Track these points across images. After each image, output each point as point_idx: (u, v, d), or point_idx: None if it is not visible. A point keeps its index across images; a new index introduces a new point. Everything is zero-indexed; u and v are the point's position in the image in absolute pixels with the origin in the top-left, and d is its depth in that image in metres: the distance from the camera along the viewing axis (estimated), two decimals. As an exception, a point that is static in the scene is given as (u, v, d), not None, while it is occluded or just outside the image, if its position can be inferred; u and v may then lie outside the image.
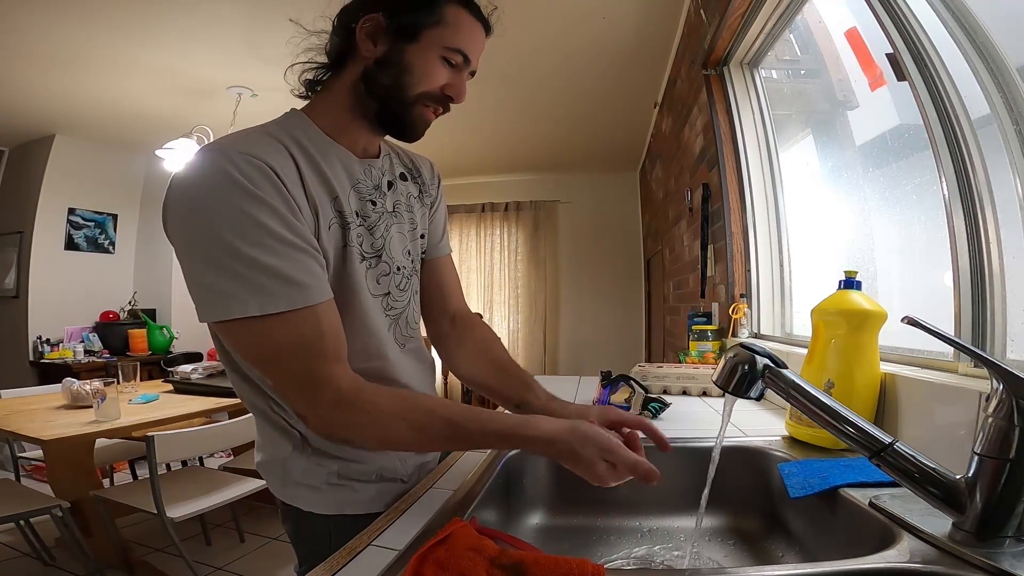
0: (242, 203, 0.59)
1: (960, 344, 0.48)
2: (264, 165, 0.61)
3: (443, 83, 0.71)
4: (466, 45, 0.71)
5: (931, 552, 0.49)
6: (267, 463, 0.77)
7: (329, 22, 0.76)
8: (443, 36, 0.69)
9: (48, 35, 2.64)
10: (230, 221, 0.58)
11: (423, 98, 0.71)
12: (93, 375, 3.60)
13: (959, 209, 0.81)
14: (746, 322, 1.72)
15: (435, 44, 0.69)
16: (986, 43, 0.80)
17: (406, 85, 0.70)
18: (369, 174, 0.76)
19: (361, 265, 0.73)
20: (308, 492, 0.74)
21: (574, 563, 0.45)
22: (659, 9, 2.48)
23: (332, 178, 0.70)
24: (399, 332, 0.80)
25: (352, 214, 0.71)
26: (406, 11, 0.68)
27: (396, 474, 0.79)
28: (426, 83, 0.70)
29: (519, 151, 4.65)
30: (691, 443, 0.89)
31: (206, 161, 0.61)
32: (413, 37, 0.69)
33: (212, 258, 0.58)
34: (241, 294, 0.58)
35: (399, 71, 0.69)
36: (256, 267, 0.58)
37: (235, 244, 0.58)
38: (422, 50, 0.69)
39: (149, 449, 1.82)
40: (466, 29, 0.71)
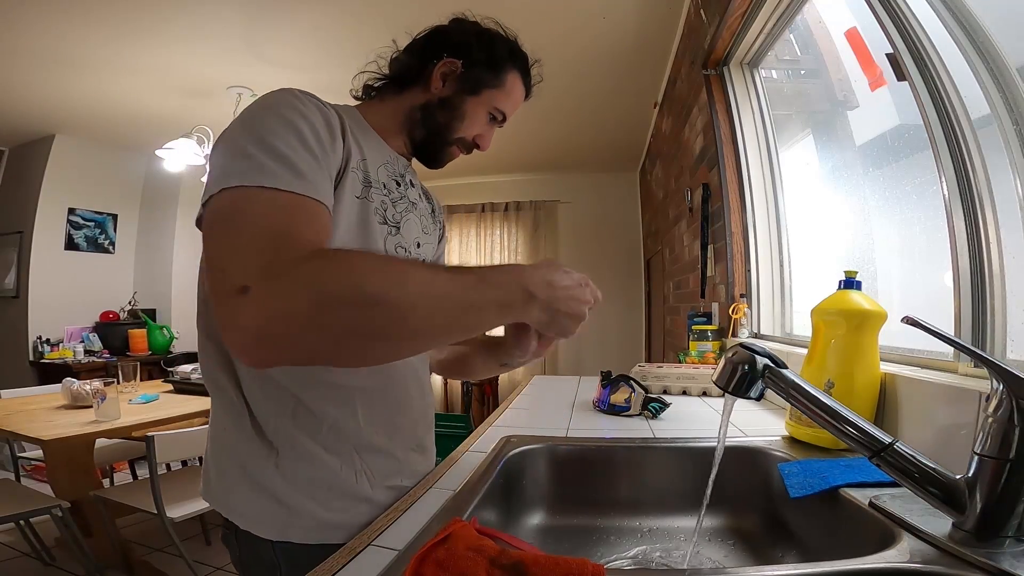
0: (285, 111, 0.60)
1: (960, 344, 0.48)
2: (317, 99, 0.66)
3: (478, 132, 0.82)
4: (508, 109, 0.83)
5: (931, 552, 0.49)
6: (213, 452, 0.72)
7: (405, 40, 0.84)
8: (497, 98, 0.81)
9: (48, 35, 2.64)
10: (267, 122, 0.59)
11: (459, 140, 0.82)
12: (93, 375, 3.59)
13: (959, 209, 0.81)
14: (746, 322, 1.72)
15: (488, 102, 0.80)
16: (986, 43, 0.80)
17: (454, 128, 0.80)
18: (397, 162, 0.81)
19: (382, 227, 0.73)
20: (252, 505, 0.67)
21: (574, 563, 0.45)
22: (659, 9, 2.48)
23: (365, 146, 0.74)
24: None
25: (379, 181, 0.74)
26: (480, 67, 0.79)
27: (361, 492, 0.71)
28: (469, 131, 0.81)
29: (519, 151, 4.65)
30: (691, 443, 0.89)
31: (270, 93, 0.64)
32: (476, 91, 0.79)
33: (235, 146, 0.57)
34: (243, 169, 0.54)
35: (454, 115, 0.80)
36: (270, 152, 0.55)
37: (260, 134, 0.57)
38: (478, 104, 0.80)
39: (149, 449, 1.83)
40: (515, 95, 0.83)
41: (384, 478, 0.73)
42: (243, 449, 0.68)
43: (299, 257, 0.49)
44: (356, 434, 0.71)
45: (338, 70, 3.11)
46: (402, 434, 0.77)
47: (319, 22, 2.58)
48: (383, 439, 0.74)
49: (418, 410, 0.81)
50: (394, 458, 0.76)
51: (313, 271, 0.48)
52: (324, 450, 0.68)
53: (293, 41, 2.78)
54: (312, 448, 0.68)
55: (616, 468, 0.88)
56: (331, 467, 0.69)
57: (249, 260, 0.48)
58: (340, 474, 0.69)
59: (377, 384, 0.73)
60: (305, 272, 0.48)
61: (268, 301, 0.46)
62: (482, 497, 0.69)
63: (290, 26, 2.64)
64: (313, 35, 2.71)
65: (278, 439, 0.67)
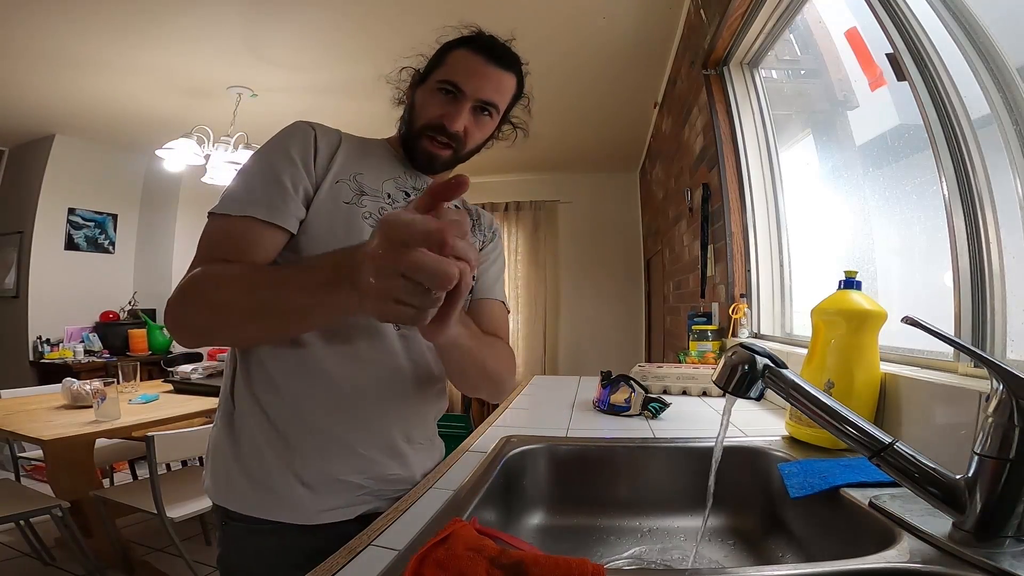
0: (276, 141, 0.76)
1: (960, 344, 0.48)
2: (310, 127, 0.78)
3: (439, 112, 0.79)
4: (458, 76, 0.79)
5: (931, 552, 0.49)
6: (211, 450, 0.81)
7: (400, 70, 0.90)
8: (440, 73, 0.80)
9: (48, 35, 2.64)
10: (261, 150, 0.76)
11: (425, 130, 0.80)
12: (93, 375, 3.59)
13: (959, 209, 0.81)
14: (746, 322, 1.72)
15: (432, 81, 0.81)
16: (986, 43, 0.80)
17: (412, 120, 0.83)
18: (413, 179, 0.86)
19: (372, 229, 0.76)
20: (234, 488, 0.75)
21: (574, 563, 0.45)
22: (659, 9, 2.48)
23: (372, 165, 0.81)
24: None
25: (382, 192, 0.80)
26: (429, 65, 0.83)
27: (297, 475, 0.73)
28: (424, 115, 0.80)
29: (519, 151, 4.62)
30: (691, 443, 0.89)
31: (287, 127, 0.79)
32: (423, 80, 0.83)
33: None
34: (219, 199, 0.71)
35: (409, 109, 0.84)
36: (243, 179, 0.73)
37: (247, 164, 0.75)
38: (424, 89, 0.82)
39: (149, 449, 1.83)
40: (462, 64, 0.79)
41: (342, 471, 0.75)
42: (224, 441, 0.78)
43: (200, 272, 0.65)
44: (313, 415, 0.75)
45: (338, 70, 3.12)
46: (369, 430, 0.77)
47: (319, 22, 2.58)
48: (340, 429, 0.75)
49: (396, 413, 0.80)
50: (356, 453, 0.76)
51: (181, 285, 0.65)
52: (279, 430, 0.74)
53: (293, 41, 2.78)
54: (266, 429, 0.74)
55: (616, 468, 0.88)
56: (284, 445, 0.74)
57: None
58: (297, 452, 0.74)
59: (347, 372, 0.75)
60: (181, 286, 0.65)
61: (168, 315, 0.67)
62: (482, 497, 0.69)
63: (290, 26, 2.64)
64: (313, 35, 2.71)
65: (240, 419, 0.76)
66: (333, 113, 3.59)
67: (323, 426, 0.75)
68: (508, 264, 5.40)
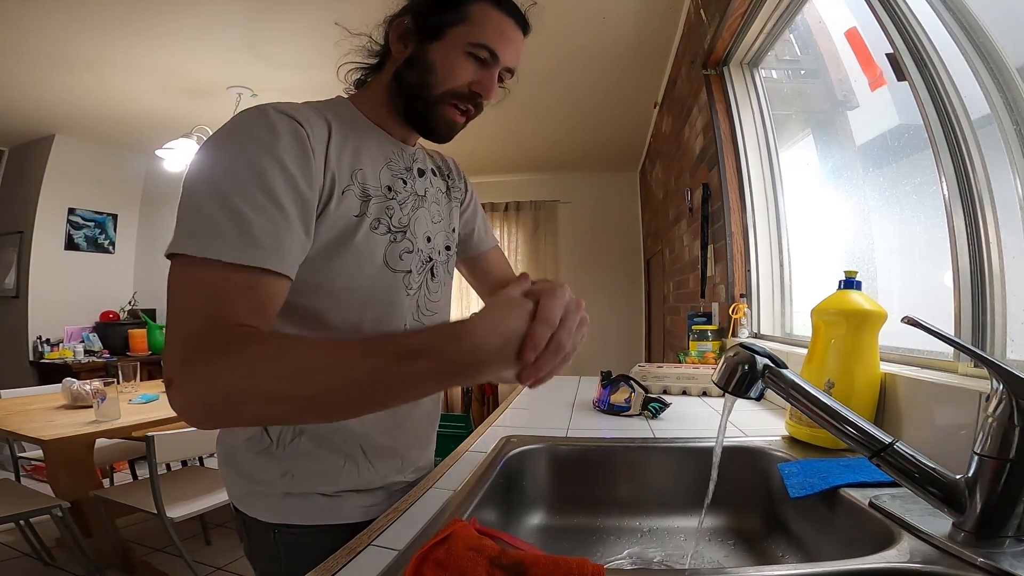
0: (252, 151, 0.57)
1: (960, 344, 0.48)
2: (294, 121, 0.61)
3: (469, 80, 0.71)
4: (492, 40, 0.70)
5: (931, 552, 0.49)
6: (221, 450, 0.76)
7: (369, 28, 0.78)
8: (468, 33, 0.69)
9: (48, 35, 2.64)
10: (231, 165, 0.57)
11: (448, 96, 0.71)
12: (93, 375, 3.59)
13: (959, 209, 0.81)
14: (746, 322, 1.72)
15: (459, 41, 0.69)
16: (986, 43, 0.80)
17: (430, 83, 0.71)
18: (401, 156, 0.77)
19: (383, 238, 0.71)
20: (250, 496, 0.73)
21: (574, 563, 0.45)
22: (659, 9, 2.48)
23: (363, 151, 0.71)
24: (414, 314, 0.77)
25: (382, 187, 0.72)
26: (432, 11, 0.70)
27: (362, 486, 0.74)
28: (450, 80, 0.70)
29: (519, 151, 4.65)
30: (691, 443, 0.89)
31: (242, 114, 0.61)
32: (437, 36, 0.70)
33: (193, 195, 0.55)
34: (195, 231, 0.53)
35: (423, 69, 0.71)
36: (226, 210, 0.53)
37: (221, 186, 0.55)
38: (445, 47, 0.70)
39: (149, 449, 1.82)
40: (493, 25, 0.70)
41: (387, 474, 0.78)
42: (246, 447, 0.72)
43: (211, 354, 0.48)
44: (362, 436, 0.75)
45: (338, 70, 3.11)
46: (407, 433, 0.81)
47: (319, 22, 2.58)
48: (388, 439, 0.78)
49: (424, 409, 0.84)
50: (398, 455, 0.80)
51: (217, 373, 0.48)
52: (328, 449, 0.72)
53: (293, 41, 2.78)
54: (313, 447, 0.72)
55: (616, 468, 0.88)
56: (332, 462, 0.72)
57: (174, 353, 0.50)
58: (343, 469, 0.73)
59: None
60: (212, 372, 0.48)
61: (183, 396, 0.49)
62: (482, 497, 0.69)
63: (290, 26, 2.63)
64: (313, 35, 2.71)
65: (281, 439, 0.71)
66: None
67: (375, 441, 0.76)
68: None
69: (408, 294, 0.76)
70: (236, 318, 0.52)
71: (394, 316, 0.74)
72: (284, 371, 0.46)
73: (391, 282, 0.73)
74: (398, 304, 0.75)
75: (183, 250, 0.52)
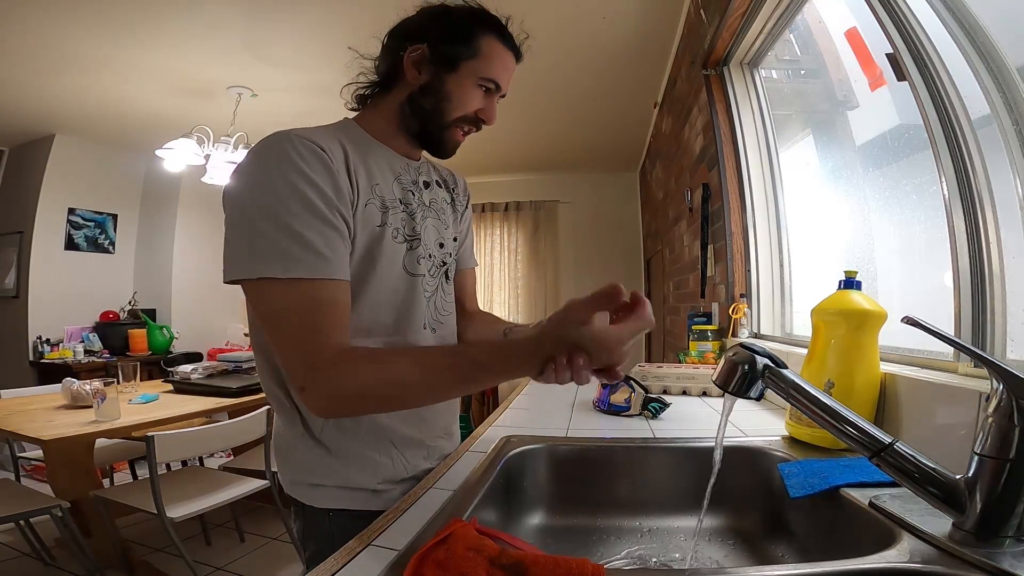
0: (290, 176, 0.65)
1: (960, 344, 0.48)
2: (316, 146, 0.68)
3: (477, 107, 0.80)
4: (498, 74, 0.79)
5: (931, 552, 0.49)
6: (278, 449, 0.83)
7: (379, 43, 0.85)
8: (479, 67, 0.78)
9: (48, 35, 2.64)
10: (276, 190, 0.65)
11: (459, 122, 0.80)
12: (93, 375, 3.59)
13: (959, 209, 0.81)
14: (746, 322, 1.72)
15: (472, 74, 0.78)
16: (986, 43, 0.80)
17: (445, 111, 0.79)
18: (408, 170, 0.84)
19: (401, 246, 0.79)
20: (308, 487, 0.79)
21: (574, 563, 0.45)
22: (659, 9, 2.48)
23: (375, 168, 0.78)
24: (432, 315, 0.85)
25: (395, 200, 0.79)
26: (447, 43, 0.77)
27: (397, 476, 0.81)
28: (462, 109, 0.79)
29: (519, 151, 4.65)
30: (691, 443, 0.89)
31: (268, 141, 0.68)
32: (453, 68, 0.77)
33: (251, 221, 0.64)
34: (270, 256, 0.63)
35: (439, 98, 0.78)
36: (287, 233, 0.63)
37: (274, 210, 0.64)
38: (460, 79, 0.78)
39: (149, 449, 1.83)
40: (498, 59, 0.79)
41: (416, 463, 0.84)
42: (299, 447, 0.79)
43: (331, 359, 0.62)
44: (391, 429, 0.81)
45: (338, 70, 3.11)
46: (431, 425, 0.87)
47: (319, 22, 2.58)
48: (415, 431, 0.84)
49: (445, 402, 0.90)
50: (424, 445, 0.85)
51: (345, 374, 0.63)
52: (365, 446, 0.79)
53: (293, 41, 2.78)
54: (354, 446, 0.79)
55: (616, 468, 0.88)
56: (372, 458, 0.79)
57: (296, 365, 0.64)
58: (380, 462, 0.80)
59: None
60: (339, 374, 0.62)
61: (319, 395, 0.64)
62: (482, 497, 0.69)
63: (290, 26, 2.63)
64: (313, 35, 2.71)
65: (325, 438, 0.78)
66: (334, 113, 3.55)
67: (402, 432, 0.82)
68: (508, 264, 5.41)
69: (425, 297, 0.83)
70: (333, 319, 0.65)
71: (413, 319, 0.81)
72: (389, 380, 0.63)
73: (410, 287, 0.80)
74: (417, 307, 0.81)
75: (270, 274, 0.63)
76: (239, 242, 0.65)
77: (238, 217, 0.66)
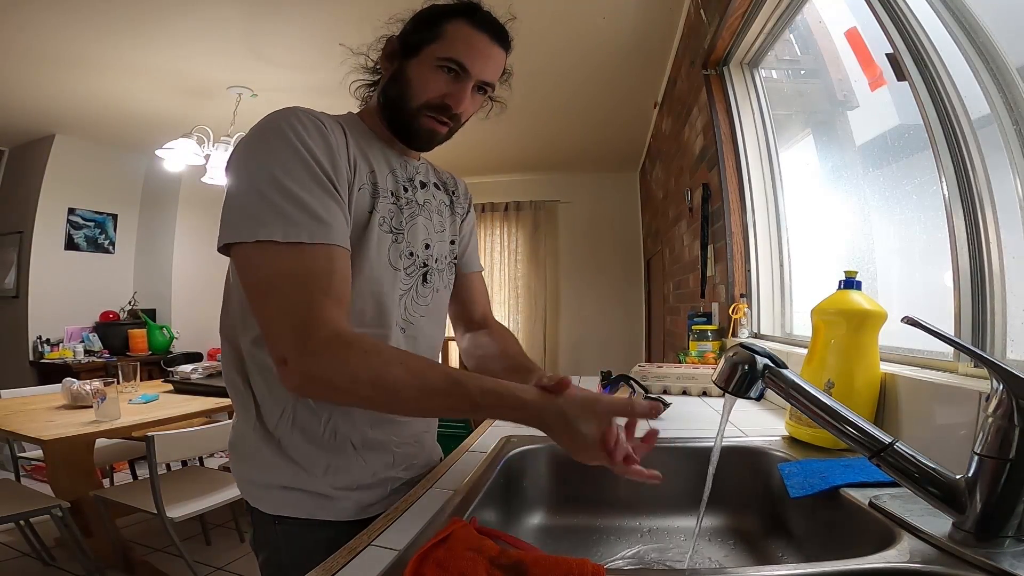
0: (294, 144, 0.65)
1: (960, 344, 0.48)
2: (320, 122, 0.69)
3: (442, 92, 0.75)
4: (461, 54, 0.74)
5: (931, 552, 0.49)
6: (232, 443, 0.79)
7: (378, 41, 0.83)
8: (439, 48, 0.74)
9: (48, 35, 2.64)
10: (279, 156, 0.64)
11: (424, 109, 0.76)
12: (93, 375, 3.59)
13: (959, 209, 0.81)
14: (746, 322, 1.72)
15: (431, 56, 0.75)
16: (986, 43, 0.80)
17: (407, 96, 0.76)
18: (404, 167, 0.83)
19: (387, 236, 0.77)
20: (257, 488, 0.75)
21: (574, 563, 0.45)
22: (659, 9, 2.48)
23: (372, 158, 0.77)
24: (401, 313, 0.80)
25: (386, 190, 0.77)
26: (413, 32, 0.76)
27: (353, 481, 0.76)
28: (423, 94, 0.75)
29: (519, 151, 4.65)
30: (691, 443, 0.89)
31: (273, 114, 0.69)
32: (415, 53, 0.75)
33: (253, 184, 0.63)
34: (269, 219, 0.61)
35: (403, 84, 0.76)
36: (290, 198, 0.62)
37: (276, 175, 0.63)
38: (420, 64, 0.75)
39: (149, 449, 1.82)
40: (462, 40, 0.74)
41: (376, 470, 0.78)
42: (250, 439, 0.75)
43: (325, 339, 0.59)
44: (354, 430, 0.76)
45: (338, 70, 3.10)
46: (400, 429, 0.82)
47: (319, 22, 2.58)
48: (380, 434, 0.79)
49: None
50: (389, 451, 0.80)
51: (335, 361, 0.59)
52: (320, 446, 0.74)
53: (293, 41, 2.78)
54: (309, 445, 0.74)
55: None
56: (327, 459, 0.74)
57: (284, 334, 0.60)
58: (336, 465, 0.75)
59: None
60: (329, 356, 0.59)
61: (302, 374, 0.59)
62: (482, 497, 0.69)
63: (290, 26, 2.63)
64: (313, 35, 2.71)
65: (279, 432, 0.74)
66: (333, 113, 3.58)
67: (366, 434, 0.77)
68: (508, 264, 5.41)
69: (398, 295, 0.79)
70: (331, 289, 0.62)
71: (389, 313, 0.77)
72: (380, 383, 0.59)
73: (390, 279, 0.77)
74: (392, 301, 0.78)
75: (269, 236, 0.60)
76: (237, 205, 0.63)
77: (238, 182, 0.65)
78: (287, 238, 0.61)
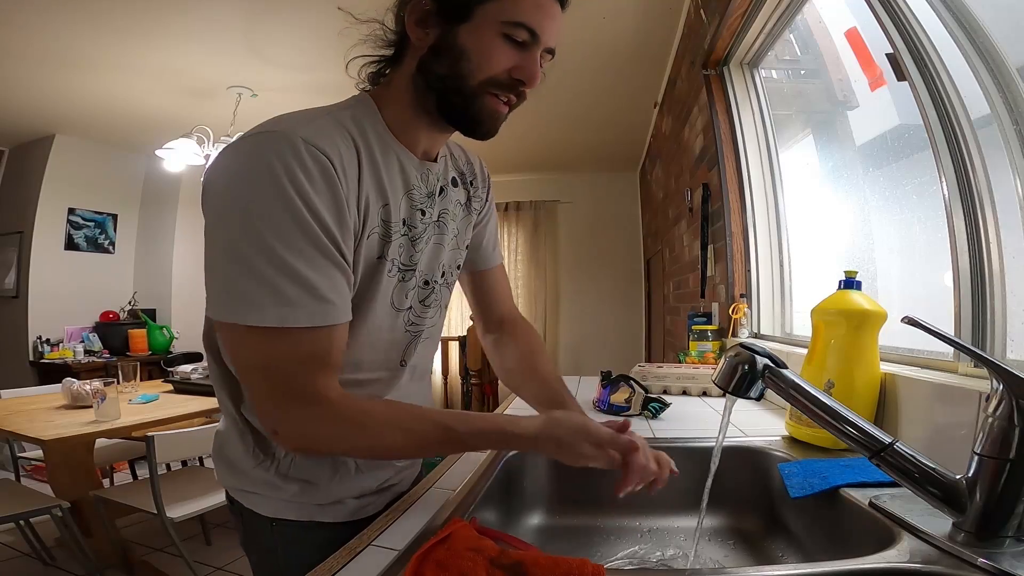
0: (291, 198, 0.52)
1: (960, 344, 0.48)
2: (326, 160, 0.55)
3: (509, 66, 0.62)
4: (531, 17, 0.60)
5: (931, 552, 0.49)
6: (217, 445, 0.75)
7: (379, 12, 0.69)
8: (500, 10, 0.59)
9: (48, 35, 2.64)
10: (272, 215, 0.52)
11: (488, 86, 0.62)
12: (93, 375, 3.59)
13: (959, 209, 0.81)
14: (746, 322, 1.72)
15: (492, 20, 0.60)
16: (986, 43, 0.80)
17: (465, 72, 0.61)
18: (425, 180, 0.70)
19: (393, 279, 0.68)
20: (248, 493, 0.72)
21: (574, 563, 0.45)
22: (659, 9, 2.48)
23: (387, 182, 0.64)
24: (411, 349, 0.75)
25: (399, 223, 0.66)
26: None
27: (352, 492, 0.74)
28: (488, 68, 0.61)
29: (519, 151, 4.65)
30: (691, 443, 0.89)
31: (266, 141, 0.54)
32: (465, 16, 0.60)
33: (241, 251, 0.52)
34: (262, 300, 0.52)
35: (454, 57, 0.61)
36: (286, 272, 0.52)
37: (270, 242, 0.52)
38: (477, 29, 0.60)
39: (149, 449, 1.82)
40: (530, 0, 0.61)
41: (384, 481, 0.77)
42: (248, 463, 0.70)
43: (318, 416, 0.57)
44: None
45: (338, 70, 3.11)
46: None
47: (319, 22, 2.58)
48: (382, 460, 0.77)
49: None
50: (393, 466, 0.78)
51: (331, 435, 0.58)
52: (324, 466, 0.71)
53: (293, 41, 2.78)
54: (310, 466, 0.70)
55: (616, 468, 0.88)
56: (327, 474, 0.71)
57: (274, 412, 0.57)
58: (337, 477, 0.72)
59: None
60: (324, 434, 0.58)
61: (295, 446, 0.61)
62: (482, 497, 0.69)
63: (290, 26, 2.63)
64: (313, 35, 2.71)
65: (279, 456, 0.70)
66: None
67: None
68: (508, 264, 5.41)
69: (407, 331, 0.74)
70: (326, 368, 0.57)
71: (392, 353, 0.73)
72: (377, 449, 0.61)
73: (393, 322, 0.71)
74: (392, 345, 0.72)
75: (261, 322, 0.53)
76: (222, 277, 0.54)
77: (222, 243, 0.54)
78: (284, 323, 0.53)
